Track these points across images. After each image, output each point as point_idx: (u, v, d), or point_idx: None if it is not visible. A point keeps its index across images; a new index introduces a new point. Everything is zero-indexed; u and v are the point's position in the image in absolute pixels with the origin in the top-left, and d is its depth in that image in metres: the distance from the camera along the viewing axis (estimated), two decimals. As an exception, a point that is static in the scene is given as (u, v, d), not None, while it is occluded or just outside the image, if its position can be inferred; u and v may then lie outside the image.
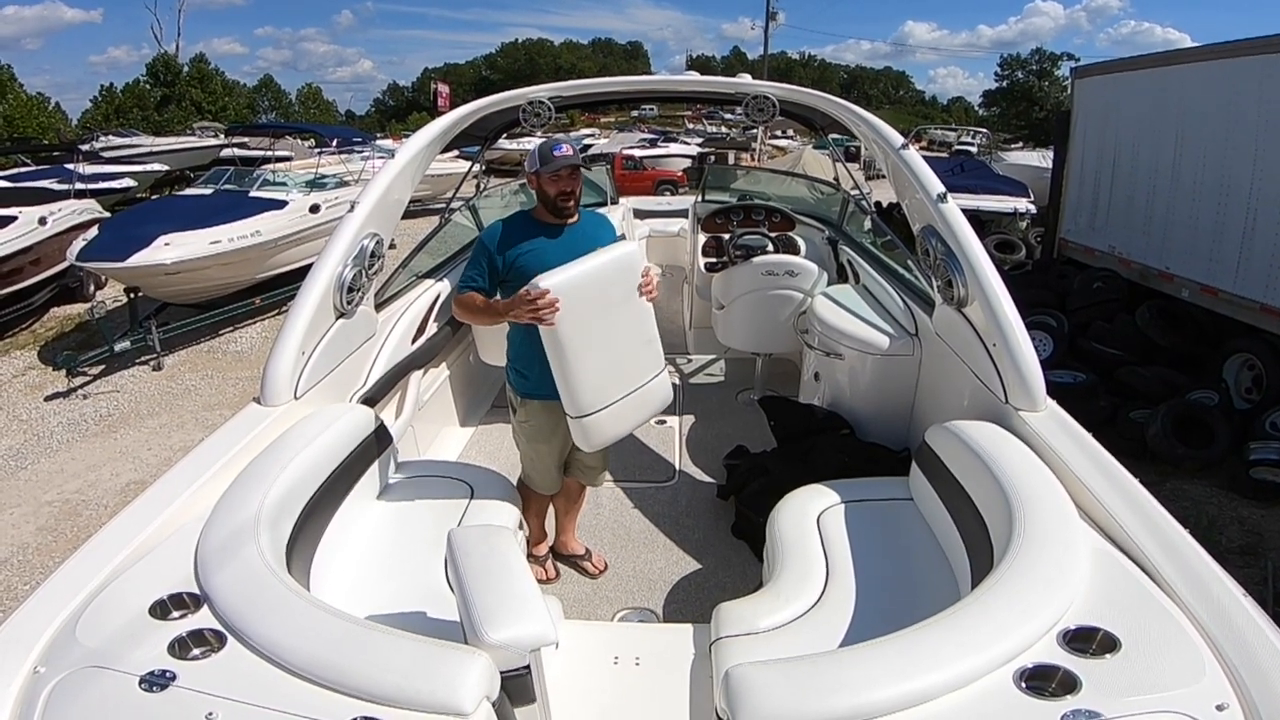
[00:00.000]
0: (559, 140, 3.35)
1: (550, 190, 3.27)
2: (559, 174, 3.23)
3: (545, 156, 3.23)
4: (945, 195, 3.41)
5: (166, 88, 53.93)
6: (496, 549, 2.33)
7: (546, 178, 3.24)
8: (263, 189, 11.93)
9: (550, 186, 3.26)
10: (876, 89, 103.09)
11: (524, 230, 3.34)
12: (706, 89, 5.72)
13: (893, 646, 1.82)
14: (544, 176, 3.24)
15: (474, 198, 6.55)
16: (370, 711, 1.70)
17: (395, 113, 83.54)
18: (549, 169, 3.21)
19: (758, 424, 5.02)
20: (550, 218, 3.35)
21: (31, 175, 14.77)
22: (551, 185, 3.26)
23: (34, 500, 6.35)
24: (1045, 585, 1.99)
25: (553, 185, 3.25)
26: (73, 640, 1.93)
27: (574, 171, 3.28)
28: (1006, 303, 3.12)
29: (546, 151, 3.25)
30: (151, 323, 9.40)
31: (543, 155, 3.25)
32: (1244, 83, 7.59)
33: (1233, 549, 5.42)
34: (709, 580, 3.89)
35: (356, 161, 15.60)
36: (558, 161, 3.22)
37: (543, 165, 3.22)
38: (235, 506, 2.42)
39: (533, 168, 3.27)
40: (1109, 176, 10.14)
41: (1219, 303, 7.82)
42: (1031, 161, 19.96)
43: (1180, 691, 1.67)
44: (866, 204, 6.01)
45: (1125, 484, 2.48)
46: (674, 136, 36.62)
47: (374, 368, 4.00)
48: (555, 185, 3.25)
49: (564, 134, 5.98)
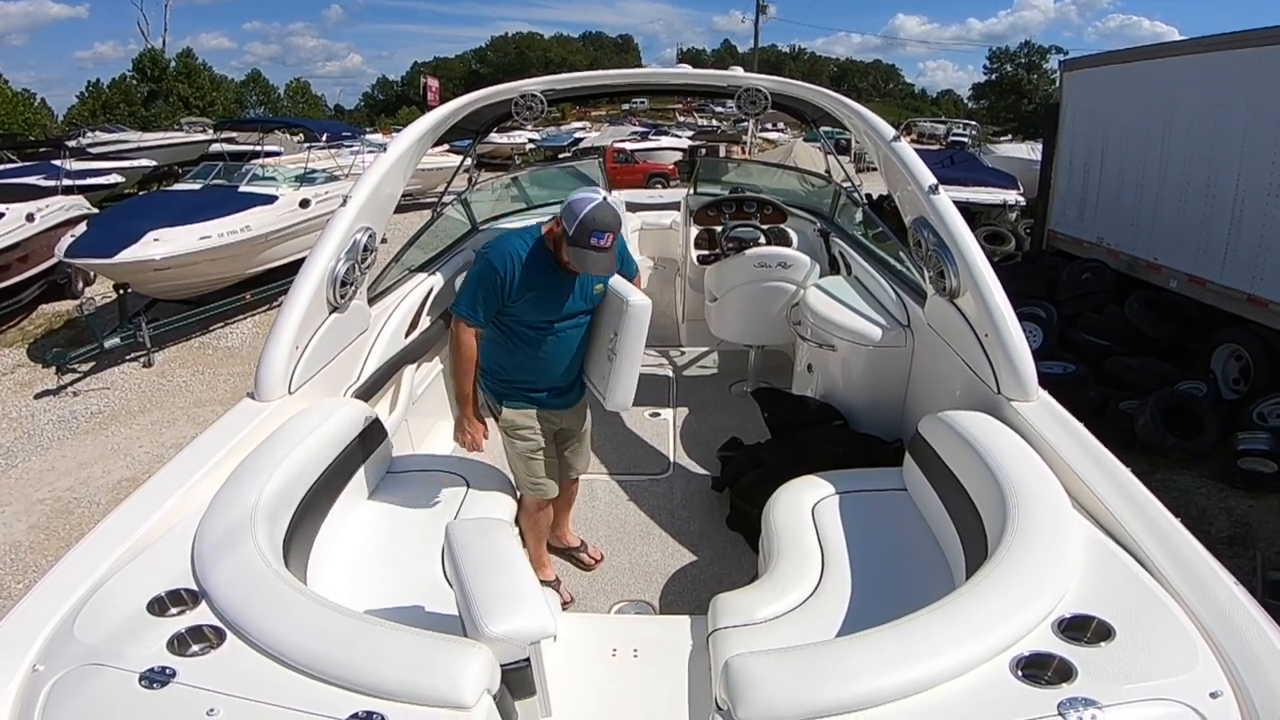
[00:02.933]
0: (603, 227, 2.94)
1: (562, 256, 3.05)
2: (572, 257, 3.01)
3: (581, 237, 2.92)
4: (937, 187, 3.42)
5: (153, 83, 53.57)
6: (494, 542, 2.34)
7: (570, 251, 2.99)
8: (252, 184, 11.83)
9: (563, 255, 3.04)
10: (866, 82, 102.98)
11: (540, 265, 3.11)
12: (699, 82, 5.72)
13: (890, 635, 1.84)
14: (568, 249, 2.99)
15: (465, 191, 6.53)
16: (371, 706, 1.70)
17: (385, 107, 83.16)
18: (576, 253, 2.96)
19: (751, 416, 5.03)
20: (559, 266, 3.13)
21: (18, 172, 14.61)
22: (565, 255, 3.04)
23: (26, 498, 6.32)
24: (1040, 574, 2.01)
25: (565, 256, 3.04)
26: (71, 638, 1.93)
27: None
28: (998, 293, 3.14)
29: (585, 233, 2.92)
30: (141, 319, 9.35)
31: (579, 232, 2.92)
32: (1232, 76, 7.64)
33: (1221, 539, 5.46)
34: (705, 572, 3.91)
35: (346, 156, 15.49)
36: (590, 254, 2.96)
37: (573, 242, 2.95)
38: (232, 502, 2.41)
39: (566, 227, 2.95)
40: (1098, 168, 10.18)
41: (1207, 293, 7.87)
42: (1020, 154, 20.02)
43: (1174, 679, 1.69)
44: (858, 196, 6.02)
45: (1117, 474, 2.50)
46: (665, 129, 36.64)
47: (367, 362, 3.99)
48: (568, 260, 3.04)
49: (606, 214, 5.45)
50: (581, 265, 3.01)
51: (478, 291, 3.13)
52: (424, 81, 47.60)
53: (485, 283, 3.11)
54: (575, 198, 2.98)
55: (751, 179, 8.61)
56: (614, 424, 5.34)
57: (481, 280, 3.12)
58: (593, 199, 2.94)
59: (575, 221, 2.91)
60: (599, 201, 2.94)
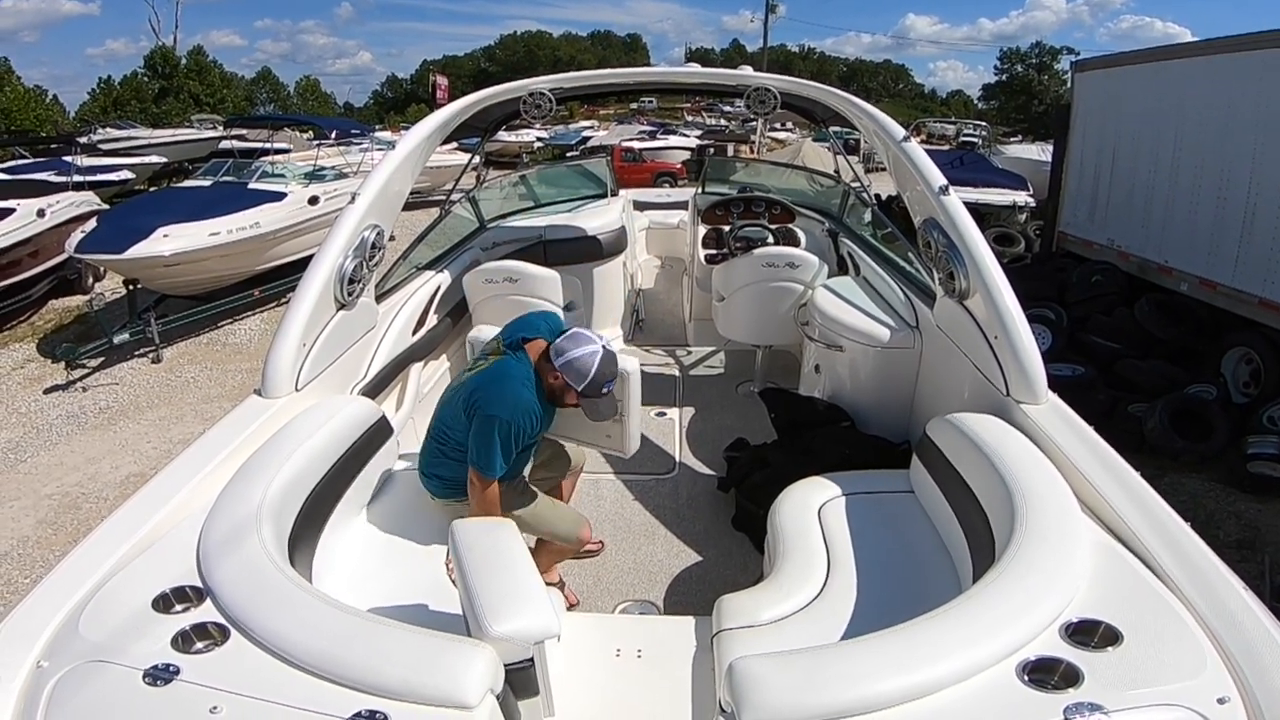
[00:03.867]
0: (613, 377, 3.05)
1: (568, 400, 3.06)
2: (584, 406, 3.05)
3: (595, 386, 2.97)
4: (947, 188, 3.41)
5: (164, 80, 53.64)
6: (499, 541, 2.33)
7: (573, 396, 3.01)
8: (261, 181, 11.85)
9: (571, 400, 3.04)
10: (876, 82, 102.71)
11: (543, 410, 3.07)
12: (708, 81, 5.72)
13: (895, 639, 1.83)
14: (572, 394, 3.00)
15: (474, 189, 6.54)
16: (374, 705, 1.70)
17: (394, 105, 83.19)
18: (589, 403, 3.02)
19: (758, 416, 5.02)
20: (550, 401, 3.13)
21: (29, 168, 14.68)
22: (573, 400, 3.04)
23: (34, 493, 6.34)
24: (1047, 578, 1.99)
25: (574, 401, 3.05)
26: (75, 634, 1.93)
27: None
28: (1008, 295, 3.12)
29: (599, 385, 2.98)
30: (150, 315, 9.38)
31: (594, 384, 2.96)
32: (1244, 78, 7.59)
33: (1230, 543, 5.43)
34: (710, 572, 3.90)
35: (355, 153, 15.53)
36: (600, 406, 3.06)
37: (585, 395, 2.99)
38: (237, 499, 2.42)
39: (576, 384, 2.96)
40: (1108, 170, 10.13)
41: (1218, 296, 7.83)
42: (1030, 155, 19.95)
43: (1182, 685, 1.68)
44: (867, 196, 6.00)
45: (1126, 477, 2.49)
46: (673, 129, 36.57)
47: (375, 359, 4.00)
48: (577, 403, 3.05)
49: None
50: (593, 413, 3.07)
51: (509, 448, 2.94)
52: (433, 79, 47.73)
53: (514, 440, 2.95)
54: (575, 353, 2.95)
55: (760, 179, 8.59)
56: None
57: (511, 439, 2.94)
58: (594, 351, 2.96)
59: (586, 380, 2.94)
60: (603, 354, 2.97)
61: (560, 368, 2.95)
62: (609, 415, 3.10)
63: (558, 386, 3.01)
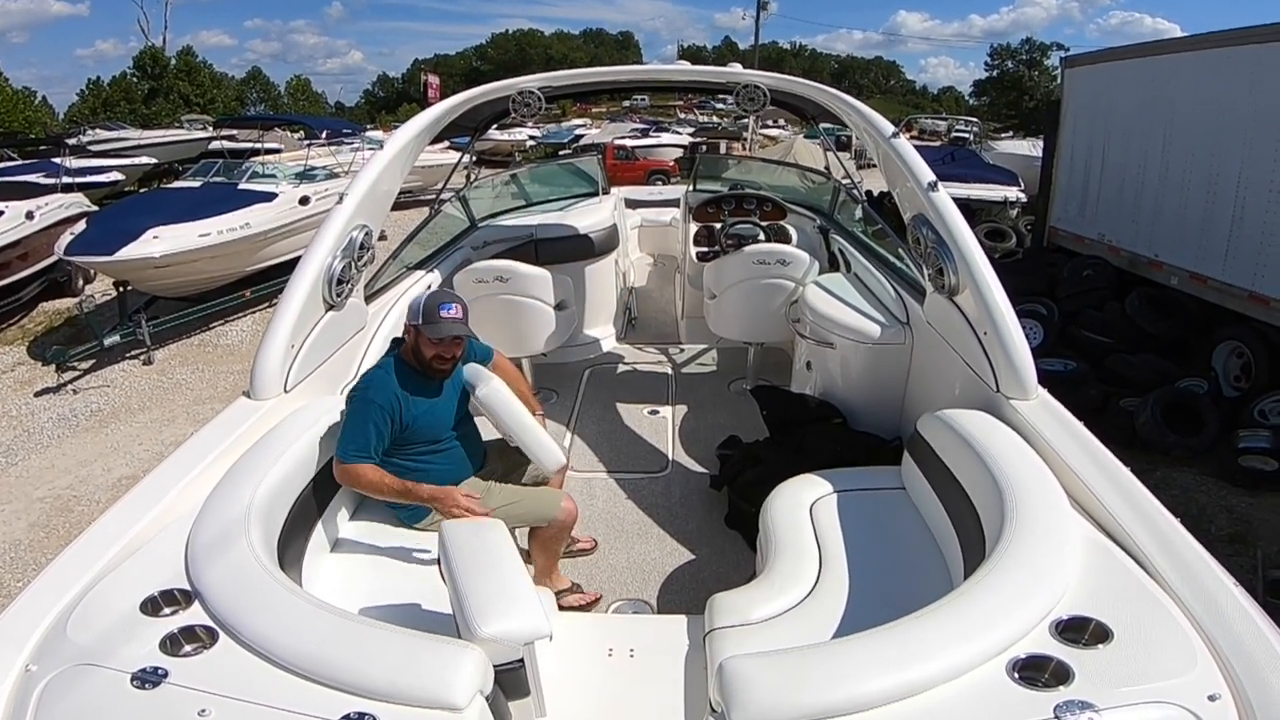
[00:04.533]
0: (448, 299, 3.06)
1: (427, 352, 3.03)
2: (442, 339, 3.01)
3: (430, 313, 2.97)
4: (936, 184, 3.40)
5: (154, 81, 53.45)
6: (488, 542, 2.33)
7: (425, 337, 3.00)
8: (252, 181, 11.83)
9: (428, 349, 3.02)
10: (867, 79, 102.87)
11: (413, 388, 3.04)
12: (698, 78, 5.70)
13: (885, 637, 1.83)
14: (423, 335, 3.01)
15: (464, 188, 6.52)
16: (363, 707, 1.70)
17: (385, 104, 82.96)
18: (431, 331, 2.98)
19: (750, 413, 5.02)
20: (425, 375, 3.10)
21: (18, 170, 14.60)
22: (430, 347, 3.02)
23: (25, 497, 6.32)
24: (1037, 575, 1.99)
25: (431, 348, 3.02)
26: (64, 638, 1.92)
27: (456, 340, 3.08)
28: (998, 291, 3.12)
29: (432, 308, 2.98)
30: (141, 316, 9.36)
31: (427, 312, 2.98)
32: (1234, 73, 7.61)
33: (1221, 537, 5.45)
34: (703, 571, 3.89)
35: (346, 153, 15.47)
36: (443, 325, 2.99)
37: (425, 322, 2.98)
38: (225, 502, 2.41)
39: (413, 320, 3.02)
40: (1099, 165, 10.16)
41: (1208, 290, 7.85)
42: (1021, 150, 19.97)
43: (1172, 682, 1.68)
44: (857, 193, 6.00)
45: (1117, 473, 2.49)
46: (666, 126, 36.60)
47: (364, 361, 3.98)
48: (434, 349, 3.03)
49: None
50: (438, 333, 3.00)
51: (366, 426, 2.90)
52: (425, 79, 47.64)
53: (365, 416, 2.91)
54: (412, 300, 3.16)
55: (751, 176, 8.60)
56: (612, 422, 5.33)
57: (367, 416, 2.91)
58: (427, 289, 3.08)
59: (419, 310, 3.03)
60: (434, 290, 3.05)
61: (407, 318, 3.09)
62: (451, 331, 3.02)
63: (412, 343, 3.07)
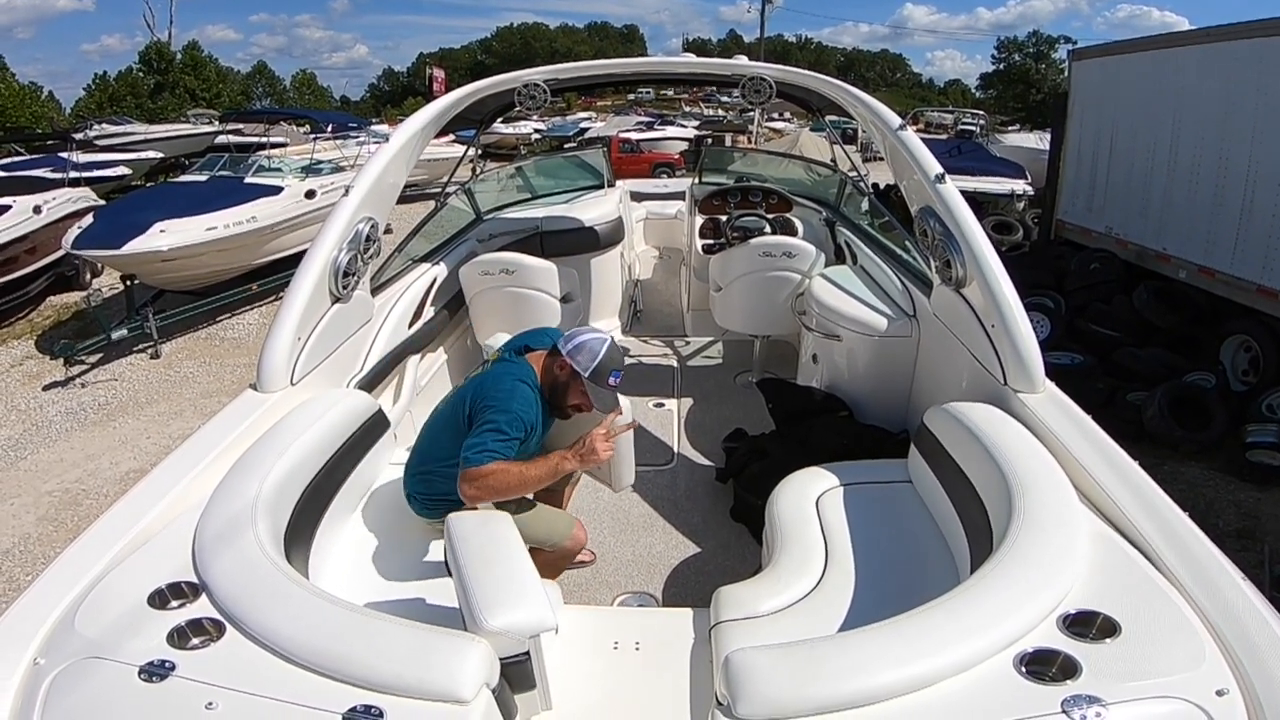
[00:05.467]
0: (619, 365, 2.96)
1: (572, 400, 2.97)
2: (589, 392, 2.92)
3: (601, 374, 2.88)
4: (944, 176, 3.39)
5: (160, 76, 53.48)
6: (495, 534, 2.33)
7: (580, 390, 2.92)
8: (258, 175, 11.84)
9: (576, 398, 2.96)
10: (873, 72, 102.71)
11: (543, 417, 2.97)
12: (704, 71, 5.69)
13: (892, 631, 1.82)
14: (579, 387, 2.92)
15: (470, 181, 6.52)
16: (369, 700, 1.70)
17: (391, 98, 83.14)
18: (595, 389, 2.90)
19: (756, 406, 5.01)
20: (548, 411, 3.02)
21: (25, 164, 14.65)
22: (578, 398, 2.95)
23: (34, 490, 6.34)
24: (1045, 569, 1.98)
25: (579, 398, 2.96)
26: (72, 631, 1.93)
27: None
28: (1005, 283, 3.11)
29: (605, 370, 2.89)
30: (148, 310, 9.36)
31: (599, 370, 2.88)
32: (1242, 66, 7.56)
33: (1229, 532, 5.42)
34: (708, 564, 3.89)
35: (352, 147, 15.50)
36: (604, 395, 2.93)
37: (592, 378, 2.89)
38: (232, 494, 2.41)
39: (582, 368, 2.88)
40: (1106, 158, 10.11)
41: (1216, 284, 7.81)
42: (1028, 143, 19.91)
43: (1180, 677, 1.67)
44: (864, 185, 5.99)
45: (1125, 467, 2.47)
46: (671, 119, 36.50)
47: (371, 352, 3.99)
48: (580, 400, 2.96)
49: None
50: (598, 403, 2.93)
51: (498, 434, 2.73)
52: (430, 72, 47.54)
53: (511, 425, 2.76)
54: (584, 337, 2.92)
55: (757, 168, 8.58)
56: None
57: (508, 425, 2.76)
58: (602, 338, 2.92)
59: (595, 361, 2.87)
60: (610, 342, 2.93)
61: (569, 351, 2.89)
62: (612, 408, 2.97)
63: (562, 380, 2.93)
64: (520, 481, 2.70)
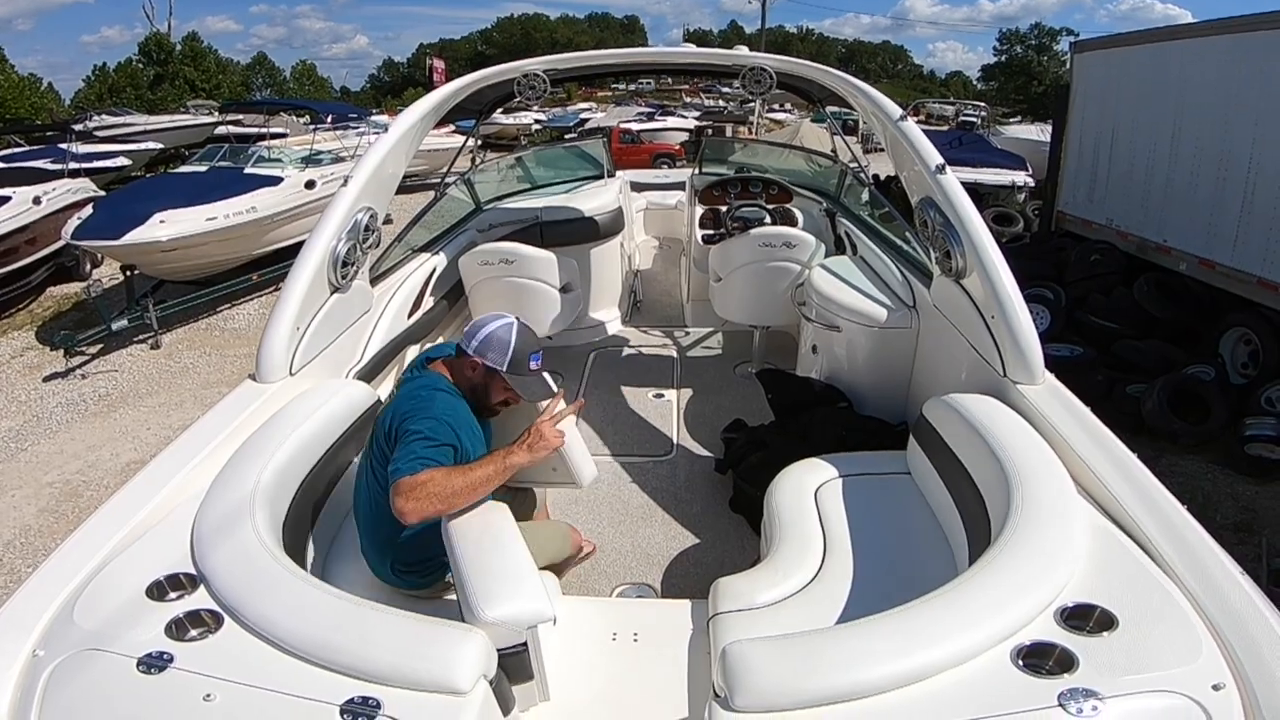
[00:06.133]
0: (535, 346, 2.75)
1: (497, 396, 2.74)
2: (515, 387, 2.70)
3: (519, 363, 2.67)
4: (944, 167, 3.38)
5: (160, 66, 53.37)
6: (492, 526, 2.33)
7: (502, 385, 2.70)
8: (258, 165, 11.83)
9: (500, 394, 2.73)
10: (874, 63, 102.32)
11: (473, 420, 2.69)
12: (704, 61, 5.68)
13: (889, 623, 1.82)
14: (500, 383, 2.70)
15: (469, 172, 6.51)
16: (367, 691, 1.70)
17: (391, 89, 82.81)
18: (520, 381, 2.69)
19: (756, 397, 5.01)
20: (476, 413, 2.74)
21: (25, 156, 14.60)
22: (503, 393, 2.73)
23: (35, 482, 6.35)
24: (1043, 562, 1.99)
25: (503, 393, 2.73)
26: (70, 623, 1.93)
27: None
28: (1005, 274, 3.10)
29: (523, 357, 2.68)
30: (148, 300, 9.37)
31: (516, 360, 2.66)
32: (1244, 59, 7.54)
33: (1227, 525, 5.43)
34: (707, 555, 3.89)
35: (352, 137, 15.46)
36: (531, 383, 2.73)
37: (511, 371, 2.66)
38: (231, 485, 2.41)
39: (496, 363, 2.65)
40: (1107, 150, 10.08)
41: (1216, 276, 7.80)
42: (1030, 135, 19.86)
43: (1177, 671, 1.67)
44: (864, 176, 5.97)
45: (1123, 459, 2.47)
46: (671, 110, 36.44)
47: (370, 343, 3.98)
48: (507, 394, 2.74)
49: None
50: (527, 392, 2.72)
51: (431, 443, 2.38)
52: (430, 63, 47.53)
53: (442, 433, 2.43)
54: (488, 328, 2.68)
55: (757, 159, 8.57)
56: (617, 405, 5.33)
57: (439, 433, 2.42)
58: (507, 323, 2.69)
59: (509, 351, 2.65)
60: (517, 324, 2.71)
61: (476, 349, 2.66)
62: (545, 395, 2.76)
63: (479, 380, 2.70)
64: (466, 484, 2.33)
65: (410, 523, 2.24)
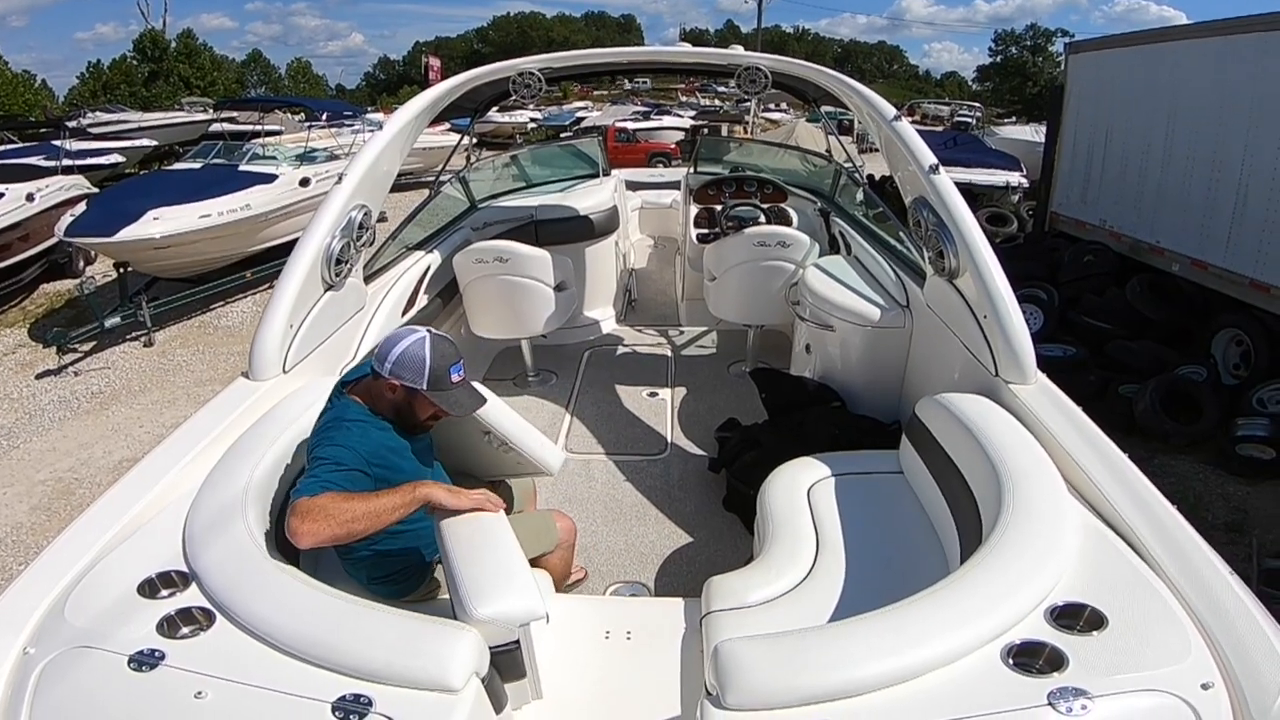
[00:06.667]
0: (454, 357, 2.54)
1: (423, 413, 2.55)
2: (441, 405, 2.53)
3: (439, 379, 2.48)
4: (937, 166, 3.39)
5: (154, 64, 53.20)
6: (484, 524, 2.32)
7: (427, 401, 2.50)
8: (252, 163, 11.83)
9: (429, 409, 2.54)
10: (870, 63, 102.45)
11: (394, 444, 2.54)
12: (699, 60, 5.67)
13: (881, 622, 1.83)
14: (422, 402, 2.51)
15: (464, 170, 6.51)
16: (358, 689, 1.70)
17: (386, 86, 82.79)
18: (444, 396, 2.51)
19: (749, 396, 5.01)
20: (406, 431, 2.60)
21: (18, 153, 14.55)
22: (429, 409, 2.54)
23: (27, 479, 6.33)
24: (1033, 561, 1.99)
25: (429, 409, 2.54)
26: (61, 620, 1.93)
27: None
28: (998, 274, 3.11)
29: (442, 373, 2.48)
30: (142, 298, 9.37)
31: (435, 377, 2.47)
32: (1238, 60, 7.57)
33: (1218, 525, 5.45)
34: (700, 553, 3.90)
35: (347, 135, 15.43)
36: (457, 396, 2.55)
37: (432, 389, 2.47)
38: (223, 483, 2.41)
39: (414, 383, 2.45)
40: (1101, 151, 10.12)
41: (1209, 277, 7.83)
42: (1024, 136, 19.88)
43: (1166, 670, 1.68)
44: (859, 176, 5.98)
45: (1115, 459, 2.48)
46: (667, 109, 36.44)
47: (364, 341, 3.98)
48: (433, 410, 2.55)
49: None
50: (455, 407, 2.55)
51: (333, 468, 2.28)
52: (425, 61, 47.31)
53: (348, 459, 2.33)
54: (398, 348, 2.47)
55: (752, 158, 8.56)
56: (611, 404, 5.33)
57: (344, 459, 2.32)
58: (418, 338, 2.50)
59: (425, 370, 2.46)
60: (429, 337, 2.52)
61: (391, 372, 2.46)
62: (474, 406, 2.65)
63: (400, 401, 2.53)
64: (367, 510, 2.18)
65: (304, 545, 2.12)
